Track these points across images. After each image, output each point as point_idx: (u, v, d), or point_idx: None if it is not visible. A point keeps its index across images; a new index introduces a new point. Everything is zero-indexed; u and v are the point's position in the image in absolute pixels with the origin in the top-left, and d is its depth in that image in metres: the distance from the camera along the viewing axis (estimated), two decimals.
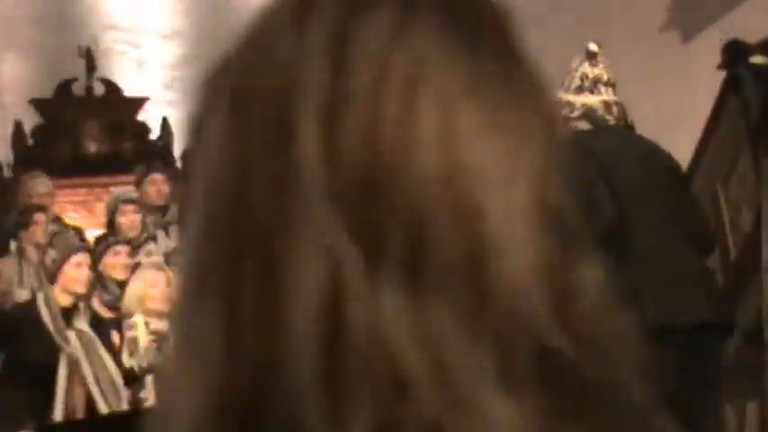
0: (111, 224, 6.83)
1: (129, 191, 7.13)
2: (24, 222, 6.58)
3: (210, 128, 0.59)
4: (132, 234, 6.60)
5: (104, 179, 9.36)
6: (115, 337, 5.57)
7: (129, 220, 6.71)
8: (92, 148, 9.49)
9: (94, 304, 5.87)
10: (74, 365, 5.37)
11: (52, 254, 5.61)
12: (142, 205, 7.03)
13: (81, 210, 9.25)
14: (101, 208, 9.10)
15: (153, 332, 5.52)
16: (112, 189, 9.23)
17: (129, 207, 6.79)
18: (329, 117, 0.54)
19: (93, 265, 5.86)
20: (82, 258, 5.64)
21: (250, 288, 0.53)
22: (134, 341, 5.45)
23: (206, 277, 0.56)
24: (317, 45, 0.55)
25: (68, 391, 5.33)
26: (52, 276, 5.54)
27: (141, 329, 5.48)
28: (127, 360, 5.42)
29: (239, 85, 0.58)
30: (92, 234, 7.80)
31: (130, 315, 5.56)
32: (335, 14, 0.56)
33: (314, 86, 0.55)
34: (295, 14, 0.57)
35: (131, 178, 8.97)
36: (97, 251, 6.01)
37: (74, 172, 9.06)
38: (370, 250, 0.51)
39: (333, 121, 0.54)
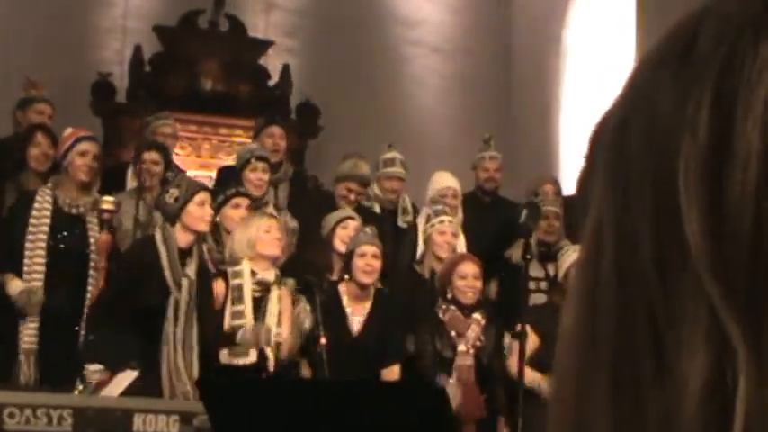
0: (237, 176, 6.67)
1: (261, 147, 6.96)
2: (142, 159, 6.61)
3: (592, 188, 0.59)
4: (256, 194, 6.48)
5: (216, 119, 9.59)
6: (218, 286, 5.52)
7: (257, 178, 6.58)
8: (207, 85, 9.65)
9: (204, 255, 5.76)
10: (179, 311, 5.42)
11: (174, 192, 5.55)
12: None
13: (186, 147, 9.44)
14: (207, 148, 9.53)
15: (258, 282, 5.50)
16: (222, 131, 9.55)
17: (260, 164, 6.64)
18: (714, 184, 0.53)
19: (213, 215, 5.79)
20: (205, 197, 5.58)
21: (639, 367, 0.54)
22: (239, 289, 5.43)
23: (593, 347, 0.57)
24: (700, 101, 0.54)
25: (169, 339, 5.40)
26: (174, 216, 5.51)
27: (247, 277, 5.45)
28: (230, 308, 5.42)
29: (617, 143, 0.58)
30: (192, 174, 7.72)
31: (237, 262, 5.53)
32: (720, 66, 0.54)
33: (697, 149, 0.53)
34: (678, 64, 0.56)
35: (243, 123, 9.34)
36: (216, 201, 5.88)
37: (185, 107, 9.16)
38: (757, 329, 0.52)
39: (718, 188, 0.53)
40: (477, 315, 5.88)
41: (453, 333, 5.79)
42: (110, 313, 5.45)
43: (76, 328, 5.88)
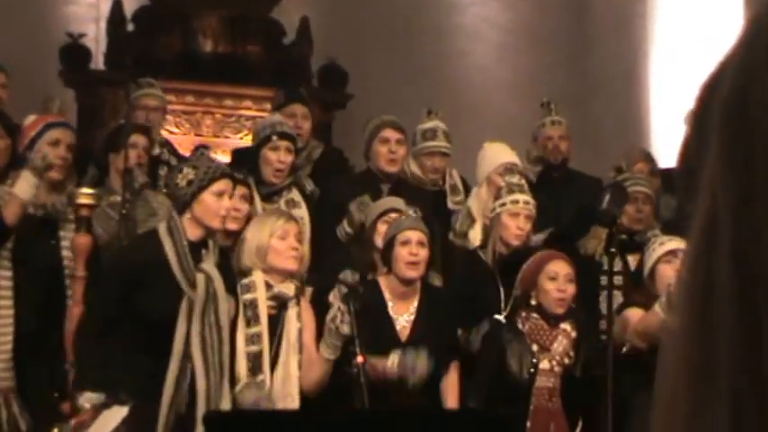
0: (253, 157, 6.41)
1: (285, 122, 6.57)
2: (115, 144, 6.28)
3: (701, 166, 0.58)
4: (275, 181, 6.24)
5: (218, 88, 9.33)
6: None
7: (278, 159, 6.23)
8: (207, 46, 9.42)
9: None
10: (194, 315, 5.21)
11: (189, 174, 5.32)
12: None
13: (184, 124, 9.20)
14: (209, 124, 9.40)
15: (274, 297, 5.31)
16: (227, 102, 9.38)
17: (284, 143, 6.25)
18: None
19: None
20: (225, 186, 5.29)
21: (766, 391, 0.53)
22: (252, 306, 5.30)
23: (708, 365, 0.56)
24: None
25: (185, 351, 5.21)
26: (184, 204, 5.28)
27: (261, 291, 5.31)
28: (244, 330, 5.29)
29: (737, 117, 0.57)
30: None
31: (247, 272, 5.38)
32: None
33: None
34: None
35: (253, 92, 9.28)
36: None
37: (180, 74, 8.95)
38: None
39: None
40: (565, 325, 5.58)
41: (535, 347, 5.53)
42: (100, 335, 5.18)
43: (57, 358, 5.70)
